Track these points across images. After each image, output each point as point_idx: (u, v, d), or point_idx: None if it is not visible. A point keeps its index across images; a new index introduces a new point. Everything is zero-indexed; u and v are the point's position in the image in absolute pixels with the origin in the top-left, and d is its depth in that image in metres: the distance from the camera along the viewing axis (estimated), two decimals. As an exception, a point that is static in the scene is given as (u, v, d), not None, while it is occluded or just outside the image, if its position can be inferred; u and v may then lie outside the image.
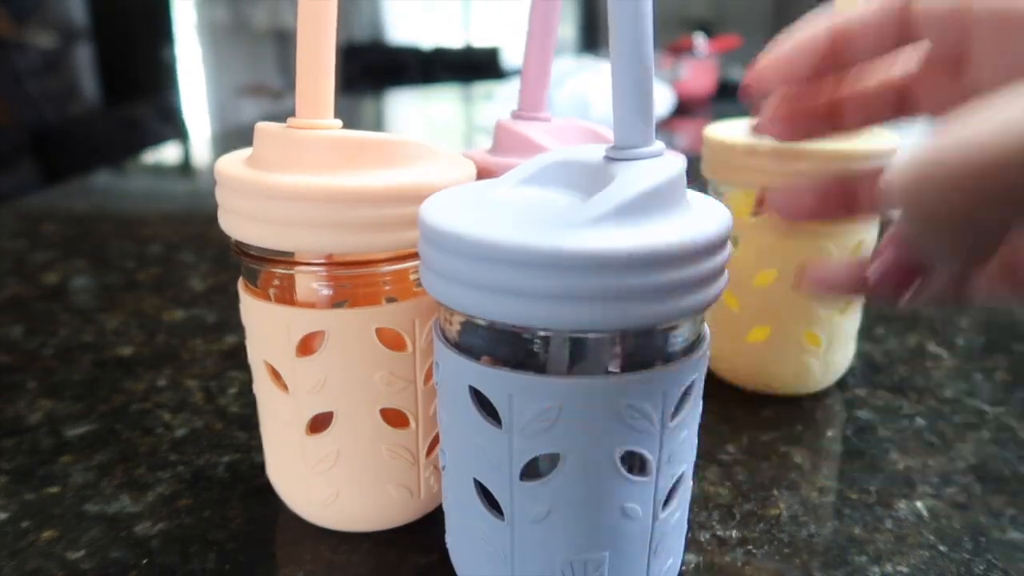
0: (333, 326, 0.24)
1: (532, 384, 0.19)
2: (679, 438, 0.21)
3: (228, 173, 0.23)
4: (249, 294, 0.26)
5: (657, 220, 0.18)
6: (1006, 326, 0.48)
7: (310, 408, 0.25)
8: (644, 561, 0.21)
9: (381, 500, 0.27)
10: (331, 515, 0.27)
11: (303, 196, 0.22)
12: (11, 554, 0.26)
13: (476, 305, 0.18)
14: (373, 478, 0.26)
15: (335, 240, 0.23)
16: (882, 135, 0.35)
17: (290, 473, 0.27)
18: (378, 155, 0.24)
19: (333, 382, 0.25)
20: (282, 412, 0.26)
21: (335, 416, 0.25)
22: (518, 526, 0.21)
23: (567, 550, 0.20)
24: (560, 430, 0.19)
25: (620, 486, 0.20)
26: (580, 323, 0.17)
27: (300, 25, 0.23)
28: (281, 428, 0.26)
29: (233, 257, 0.25)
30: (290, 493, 0.28)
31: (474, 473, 0.21)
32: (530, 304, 0.17)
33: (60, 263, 0.58)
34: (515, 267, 0.17)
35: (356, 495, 0.27)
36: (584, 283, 0.17)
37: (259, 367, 0.26)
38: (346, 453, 0.26)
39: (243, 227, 0.24)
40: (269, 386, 0.26)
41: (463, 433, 0.21)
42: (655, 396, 0.19)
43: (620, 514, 0.20)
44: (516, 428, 0.19)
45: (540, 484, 0.20)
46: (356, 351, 0.24)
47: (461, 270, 0.18)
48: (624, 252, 0.17)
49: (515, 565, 0.21)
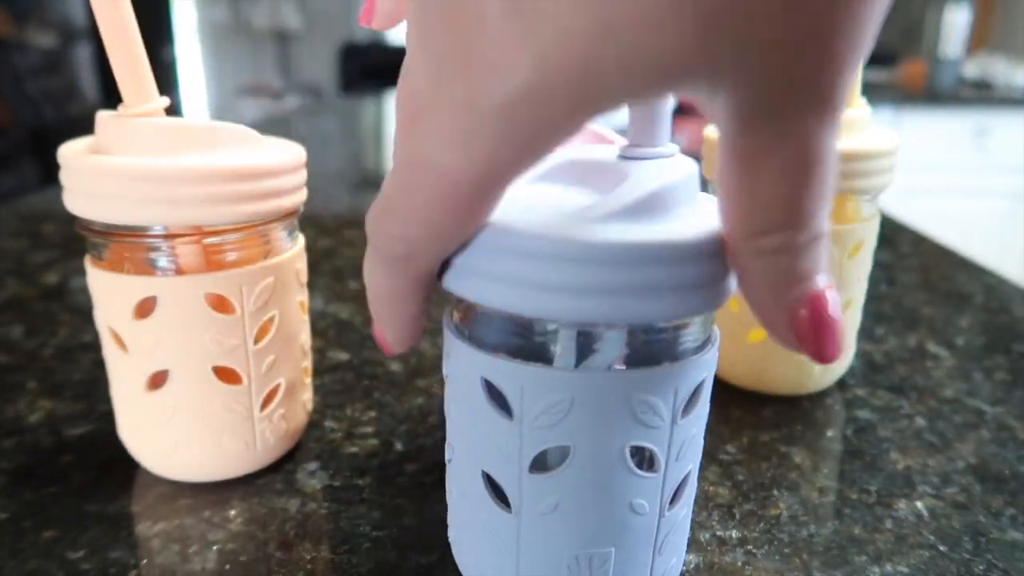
0: (165, 292, 0.27)
1: (544, 376, 0.19)
2: (688, 436, 0.21)
3: (70, 157, 0.27)
4: (92, 265, 0.28)
5: (671, 217, 0.19)
6: (1006, 326, 0.48)
7: (147, 367, 0.28)
8: (649, 558, 0.22)
9: (217, 451, 0.30)
10: (172, 465, 0.30)
11: (131, 175, 0.25)
12: (11, 554, 0.26)
13: (492, 295, 0.18)
14: (208, 431, 0.29)
15: (164, 214, 0.26)
16: (882, 134, 0.35)
17: (136, 428, 0.30)
18: (204, 139, 0.27)
19: (167, 343, 0.28)
20: (124, 372, 0.29)
21: (170, 373, 0.28)
22: (525, 519, 0.21)
23: (574, 544, 0.21)
24: (571, 423, 0.19)
25: (628, 481, 0.20)
26: (593, 316, 0.18)
27: (99, 23, 0.25)
28: (125, 387, 0.29)
29: (77, 233, 0.28)
30: (136, 447, 0.30)
31: (483, 465, 0.21)
32: (545, 296, 0.17)
33: (60, 263, 0.58)
34: (532, 258, 0.17)
35: (193, 446, 0.29)
36: (598, 276, 0.17)
37: (104, 332, 0.29)
38: (182, 407, 0.29)
39: (81, 204, 0.27)
40: (113, 349, 0.29)
41: (473, 425, 0.21)
42: (666, 392, 0.19)
43: (628, 509, 0.20)
44: (527, 420, 0.19)
45: (549, 477, 0.20)
46: (186, 314, 0.27)
47: (479, 261, 0.18)
48: (639, 245, 0.17)
49: (520, 558, 0.21)
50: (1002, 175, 1.98)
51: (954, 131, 1.98)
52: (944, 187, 1.99)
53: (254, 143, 0.29)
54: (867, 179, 0.34)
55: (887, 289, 0.54)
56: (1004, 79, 2.13)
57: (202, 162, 0.26)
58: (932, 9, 2.07)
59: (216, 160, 0.26)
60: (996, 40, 2.49)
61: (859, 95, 0.35)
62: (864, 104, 0.35)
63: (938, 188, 1.98)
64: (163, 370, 0.28)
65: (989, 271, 0.58)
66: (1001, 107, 1.98)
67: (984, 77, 2.17)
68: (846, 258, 0.35)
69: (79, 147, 0.28)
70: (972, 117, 1.97)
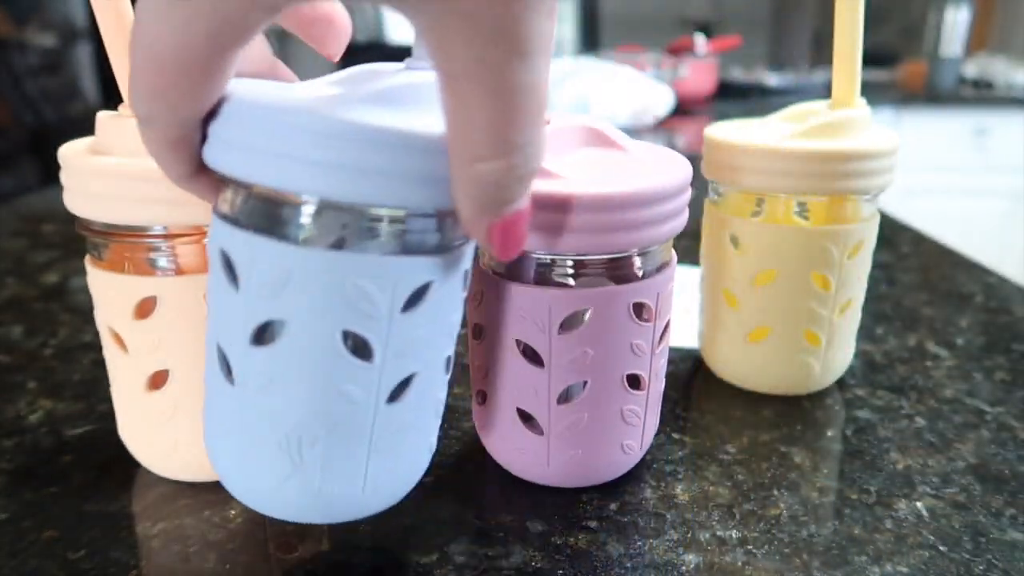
0: (165, 292, 0.27)
1: (268, 248, 0.20)
2: (413, 335, 0.21)
3: (70, 157, 0.27)
4: (92, 265, 0.29)
5: (416, 113, 0.20)
6: (1006, 326, 0.48)
7: (148, 367, 0.28)
8: (364, 453, 0.22)
9: None
10: (173, 465, 0.30)
11: (131, 175, 0.25)
12: (11, 554, 0.26)
13: (228, 162, 0.20)
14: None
15: (164, 214, 0.26)
16: (882, 134, 0.35)
17: (136, 428, 0.30)
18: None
19: (167, 343, 0.28)
20: (125, 372, 0.29)
21: (170, 373, 0.28)
22: (245, 393, 0.21)
23: (286, 423, 0.21)
24: (287, 298, 0.20)
25: (340, 365, 0.21)
26: (314, 188, 0.19)
27: (100, 22, 0.26)
28: (125, 387, 0.29)
29: (78, 233, 0.28)
30: (137, 447, 0.30)
31: (217, 338, 0.22)
32: (277, 164, 0.19)
33: (60, 263, 0.58)
34: (264, 129, 0.19)
35: (193, 446, 0.29)
36: (325, 151, 0.18)
37: (105, 332, 0.29)
38: (182, 407, 0.28)
39: (82, 204, 0.27)
40: (113, 349, 0.29)
41: (213, 298, 0.22)
42: (384, 283, 0.20)
43: (338, 394, 0.21)
44: (250, 290, 0.20)
45: (265, 350, 0.20)
46: (186, 314, 0.27)
47: (220, 130, 0.20)
48: (366, 128, 0.18)
49: (240, 434, 0.22)
50: (1002, 175, 1.98)
51: (954, 131, 1.98)
52: (944, 187, 1.99)
53: None
54: (867, 179, 0.34)
55: (887, 289, 0.54)
56: (1004, 79, 2.13)
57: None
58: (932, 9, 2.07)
59: None
60: (996, 40, 2.49)
61: (859, 95, 0.35)
62: (864, 104, 0.35)
63: (938, 188, 1.98)
64: (163, 370, 0.28)
65: (989, 271, 0.58)
66: (1001, 107, 1.98)
67: (984, 77, 2.17)
68: (846, 258, 0.35)
69: (79, 147, 0.28)
70: (972, 117, 1.97)
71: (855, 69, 0.34)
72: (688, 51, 1.61)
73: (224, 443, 0.22)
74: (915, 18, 2.41)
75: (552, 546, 0.27)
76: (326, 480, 0.22)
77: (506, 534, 0.28)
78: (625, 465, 0.31)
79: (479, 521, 0.29)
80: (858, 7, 0.32)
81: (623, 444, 0.29)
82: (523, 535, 0.28)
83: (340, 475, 0.22)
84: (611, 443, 0.29)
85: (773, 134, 0.35)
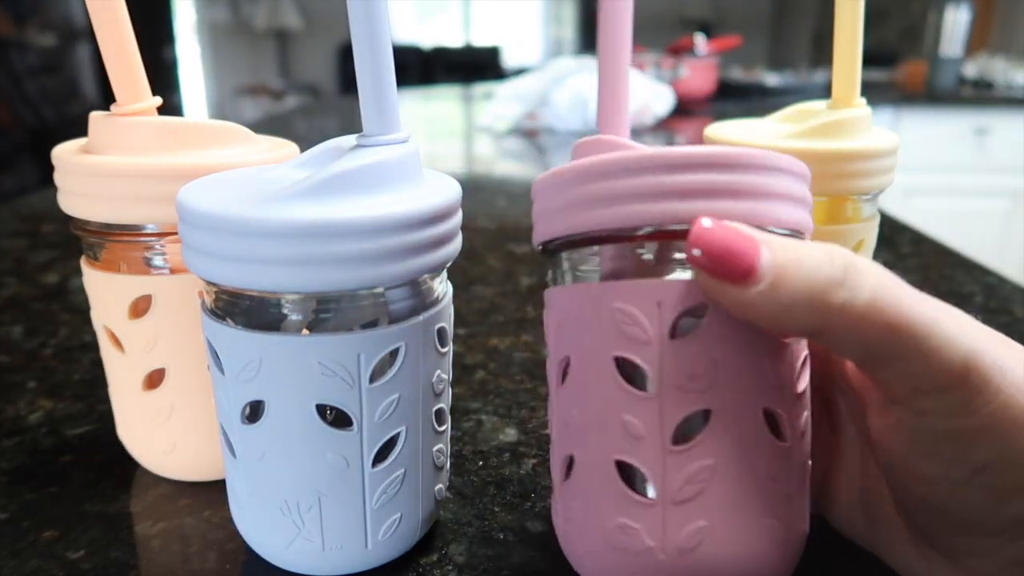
0: (160, 290, 0.27)
1: (240, 336, 0.22)
2: (389, 399, 0.23)
3: (63, 157, 0.27)
4: (88, 265, 0.29)
5: (363, 195, 0.21)
6: (1006, 326, 0.48)
7: (144, 366, 0.28)
8: (360, 512, 0.23)
9: (216, 451, 0.29)
10: (171, 465, 0.30)
11: (124, 174, 0.26)
12: (11, 554, 0.26)
13: (200, 268, 0.21)
14: (207, 429, 0.29)
15: (157, 213, 0.26)
16: (882, 134, 0.35)
17: (134, 428, 0.30)
18: (196, 137, 0.27)
19: (163, 341, 0.28)
20: (121, 372, 0.29)
21: (167, 372, 0.28)
22: (245, 465, 0.23)
23: (283, 490, 0.23)
24: (263, 380, 0.22)
25: (320, 435, 0.22)
26: (264, 284, 0.20)
27: (93, 21, 0.26)
28: (122, 387, 0.29)
29: (72, 233, 0.28)
30: (135, 447, 0.31)
31: (220, 418, 0.24)
32: (231, 265, 0.20)
33: (60, 263, 0.58)
34: (215, 232, 0.20)
35: (192, 445, 0.29)
36: (269, 248, 0.20)
37: (101, 332, 0.29)
38: (180, 406, 0.29)
39: (75, 204, 0.27)
40: (110, 349, 0.29)
41: (212, 381, 0.24)
42: (348, 357, 0.21)
43: (326, 462, 0.22)
44: (232, 376, 0.22)
45: (254, 427, 0.22)
46: (182, 313, 0.27)
47: (191, 239, 0.21)
48: (304, 222, 0.20)
49: (246, 501, 0.24)
50: (1002, 175, 1.98)
51: (954, 131, 1.98)
52: (944, 187, 1.99)
53: (247, 141, 0.29)
54: (867, 179, 0.34)
55: (887, 289, 0.54)
56: (1004, 79, 2.13)
57: (195, 160, 0.26)
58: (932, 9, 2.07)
59: (209, 158, 0.27)
60: (996, 40, 2.49)
61: (859, 95, 0.35)
62: (864, 104, 0.35)
63: (938, 188, 1.98)
64: (160, 369, 0.28)
65: (989, 271, 0.58)
66: (1001, 107, 1.98)
67: (984, 77, 2.17)
68: (846, 258, 0.35)
69: (72, 147, 0.28)
70: (972, 117, 1.97)
71: (855, 69, 0.34)
72: (688, 51, 1.61)
73: (240, 507, 0.25)
74: (915, 18, 2.41)
75: (552, 546, 0.27)
76: (329, 539, 0.23)
77: (507, 535, 0.28)
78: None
79: (480, 521, 0.29)
80: (858, 7, 0.32)
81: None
82: (524, 536, 0.28)
83: (341, 534, 0.23)
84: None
85: (773, 134, 0.35)
